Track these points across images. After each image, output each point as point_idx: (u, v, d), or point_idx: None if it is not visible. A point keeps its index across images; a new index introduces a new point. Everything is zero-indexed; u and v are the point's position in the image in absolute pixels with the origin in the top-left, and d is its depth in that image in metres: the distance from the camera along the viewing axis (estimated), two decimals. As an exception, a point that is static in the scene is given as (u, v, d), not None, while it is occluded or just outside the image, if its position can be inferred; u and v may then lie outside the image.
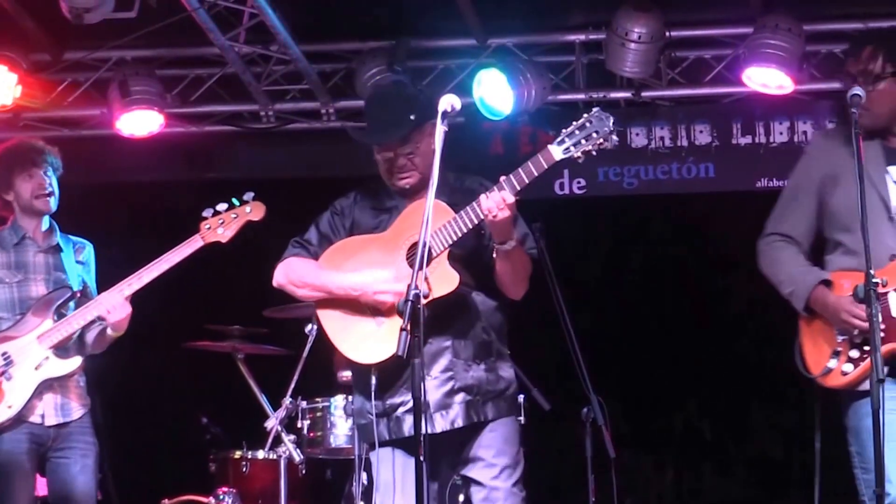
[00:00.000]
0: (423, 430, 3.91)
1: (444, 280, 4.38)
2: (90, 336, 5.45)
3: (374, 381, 4.42)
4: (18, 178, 5.50)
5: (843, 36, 7.28)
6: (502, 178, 4.33)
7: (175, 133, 7.70)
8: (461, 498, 5.69)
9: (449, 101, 4.24)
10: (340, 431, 5.91)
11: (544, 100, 7.34)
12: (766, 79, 7.10)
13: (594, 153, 4.36)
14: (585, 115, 4.36)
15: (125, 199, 7.77)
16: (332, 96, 7.66)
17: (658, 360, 8.30)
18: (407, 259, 4.46)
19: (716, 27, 7.36)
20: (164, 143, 7.60)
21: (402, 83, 4.96)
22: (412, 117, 4.51)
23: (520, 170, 4.34)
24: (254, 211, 5.38)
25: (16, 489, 5.28)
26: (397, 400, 4.46)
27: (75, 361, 5.37)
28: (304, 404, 5.99)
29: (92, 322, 5.36)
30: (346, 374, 5.93)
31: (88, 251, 5.63)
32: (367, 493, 5.70)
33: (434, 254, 4.38)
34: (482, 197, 4.34)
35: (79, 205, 5.66)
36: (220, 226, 5.34)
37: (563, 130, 4.37)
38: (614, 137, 4.43)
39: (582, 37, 7.44)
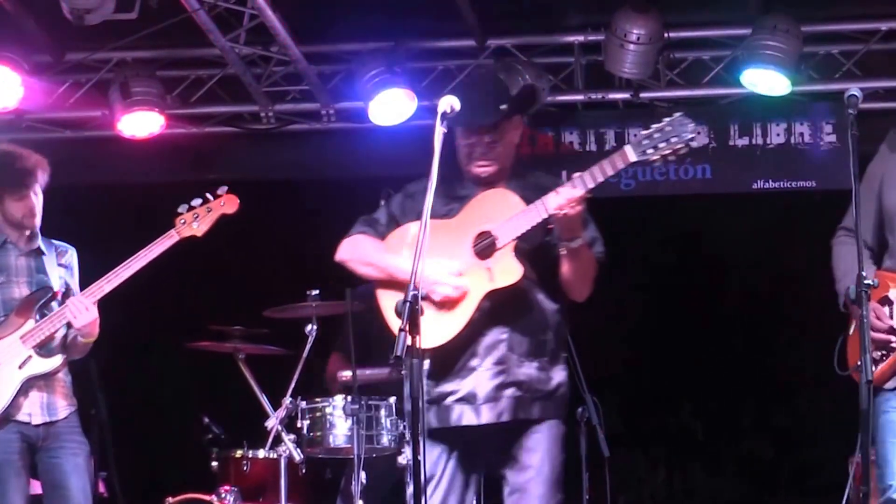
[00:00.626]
0: (422, 430, 3.88)
1: (507, 271, 4.38)
2: (70, 340, 5.48)
3: (426, 367, 4.30)
4: (9, 199, 5.48)
5: (841, 37, 7.32)
6: (575, 176, 4.33)
7: (176, 134, 7.71)
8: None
9: (448, 103, 4.23)
10: (340, 431, 5.91)
11: (543, 101, 7.36)
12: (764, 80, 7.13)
13: (671, 158, 4.34)
14: (666, 119, 4.33)
15: (126, 200, 7.78)
16: (332, 97, 7.69)
17: (652, 361, 8.33)
18: (473, 248, 4.45)
19: (714, 28, 7.38)
20: (164, 145, 7.61)
21: (499, 72, 4.90)
22: (503, 107, 4.51)
23: (594, 168, 4.34)
24: (227, 204, 5.43)
25: (10, 488, 5.31)
26: (447, 388, 4.45)
27: (57, 359, 5.41)
28: (303, 404, 6.00)
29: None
30: (346, 374, 5.96)
31: (71, 255, 5.65)
32: (365, 492, 5.74)
33: (499, 245, 4.39)
34: (553, 193, 4.33)
35: (80, 206, 5.69)
36: (195, 220, 5.39)
37: (643, 132, 4.35)
38: (693, 144, 4.39)
39: (581, 38, 7.45)
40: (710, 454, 8.46)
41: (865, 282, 4.09)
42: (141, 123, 7.46)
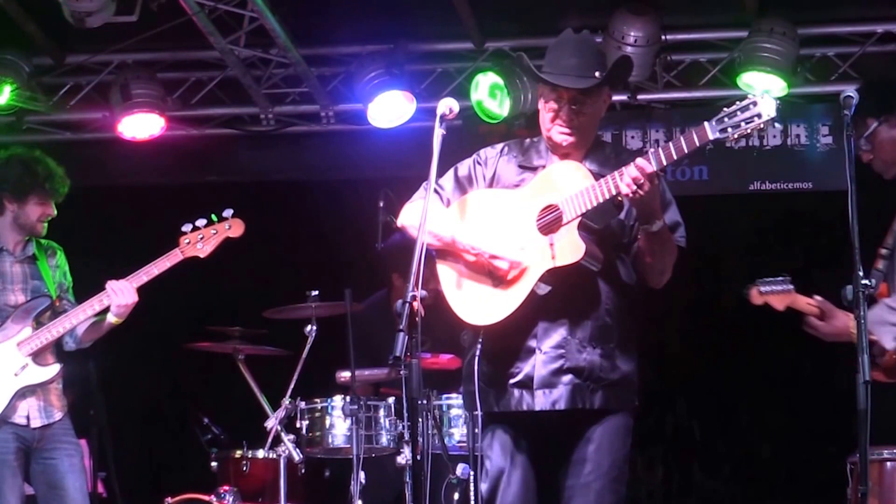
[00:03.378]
0: (421, 431, 3.89)
1: (569, 249, 4.13)
2: (80, 328, 5.52)
3: (478, 347, 4.15)
4: (33, 200, 5.56)
5: (837, 39, 7.34)
6: (650, 151, 4.08)
7: (176, 136, 7.73)
8: (456, 496, 5.72)
9: (447, 105, 4.23)
10: (339, 431, 5.94)
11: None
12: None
13: (752, 138, 4.15)
14: (750, 96, 4.11)
15: (126, 202, 7.81)
16: (332, 99, 7.71)
17: (649, 361, 8.34)
18: (537, 222, 4.22)
19: (711, 31, 7.40)
20: (165, 147, 7.63)
21: (593, 38, 4.58)
22: (597, 74, 4.26)
23: (670, 143, 4.09)
24: (233, 228, 5.46)
25: (6, 487, 5.36)
26: (508, 371, 4.21)
27: (53, 369, 5.46)
28: (302, 405, 6.03)
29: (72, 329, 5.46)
30: (345, 375, 5.98)
31: (59, 255, 5.69)
32: (364, 491, 5.75)
33: (565, 220, 4.16)
34: (624, 168, 4.06)
35: (80, 207, 5.71)
36: (200, 241, 5.41)
37: (725, 109, 4.11)
38: (777, 125, 4.21)
39: (578, 40, 7.47)
40: (707, 454, 8.47)
41: (862, 282, 4.11)
42: (141, 125, 7.49)
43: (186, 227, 5.43)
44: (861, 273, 4.13)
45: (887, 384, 4.70)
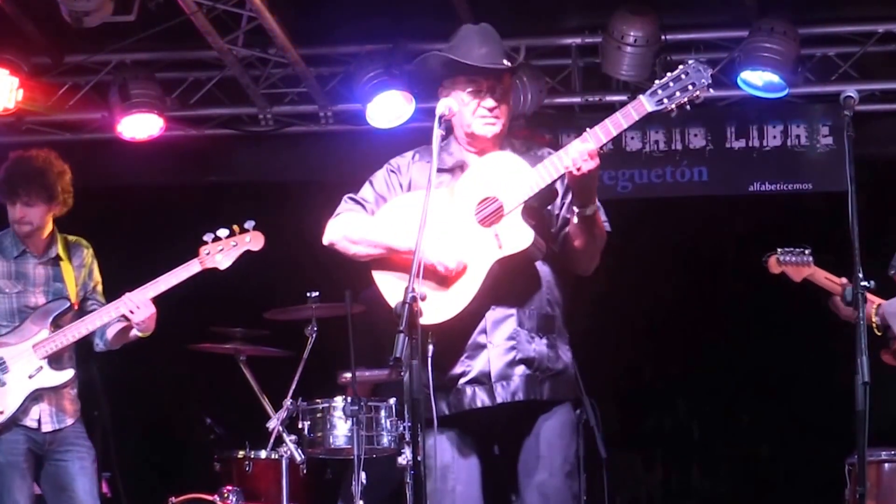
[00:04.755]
0: (421, 432, 3.86)
1: (516, 236, 4.10)
2: (110, 332, 5.52)
3: (430, 349, 4.00)
4: (8, 202, 5.53)
5: (837, 39, 7.34)
6: (587, 131, 4.07)
7: (175, 136, 7.72)
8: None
9: (446, 105, 4.21)
10: (340, 432, 5.93)
11: (540, 103, 7.38)
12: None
13: (688, 107, 4.09)
14: (682, 66, 4.10)
15: (125, 203, 7.80)
16: (331, 99, 7.70)
17: (649, 362, 8.34)
18: (476, 215, 4.19)
19: (711, 31, 7.41)
20: (163, 147, 7.62)
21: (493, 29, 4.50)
22: (506, 63, 4.29)
23: (606, 121, 4.09)
24: (253, 241, 5.44)
25: (15, 487, 5.35)
26: (458, 370, 4.18)
27: (67, 374, 5.44)
28: (304, 405, 6.03)
29: (104, 325, 5.44)
30: (347, 376, 5.98)
31: (86, 253, 5.68)
32: (366, 492, 5.75)
33: (507, 209, 4.13)
34: (564, 150, 4.06)
35: (79, 208, 5.70)
36: (219, 253, 5.40)
37: (657, 81, 4.11)
38: (710, 91, 4.17)
39: (578, 40, 7.48)
40: (706, 454, 8.48)
41: (862, 283, 4.11)
42: (140, 125, 7.48)
43: (207, 237, 5.41)
44: (861, 274, 4.13)
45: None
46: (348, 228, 4.36)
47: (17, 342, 5.41)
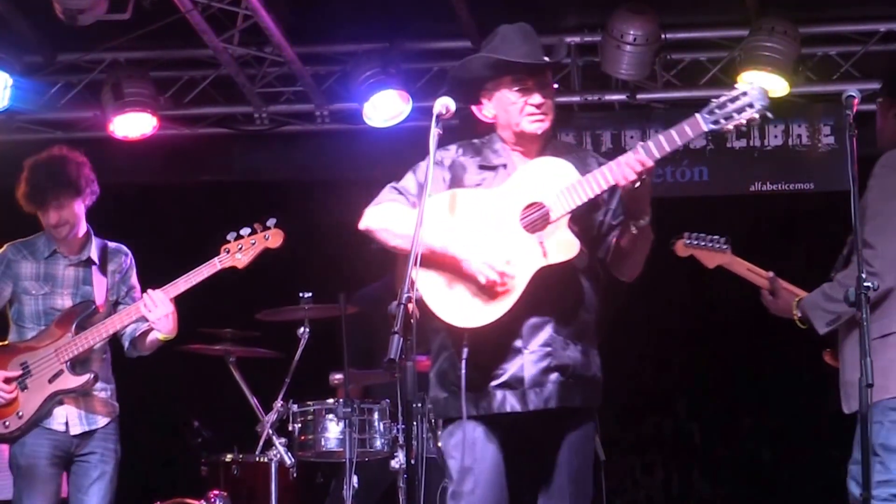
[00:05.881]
0: (421, 434, 3.88)
1: (562, 246, 4.09)
2: (137, 336, 5.53)
3: (465, 349, 4.06)
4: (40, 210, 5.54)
5: (839, 38, 7.30)
6: (640, 145, 4.03)
7: (169, 135, 7.68)
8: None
9: (443, 104, 4.16)
10: (331, 434, 5.89)
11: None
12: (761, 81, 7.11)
13: (744, 129, 4.06)
14: (739, 87, 4.03)
15: (118, 202, 7.73)
16: (327, 99, 7.65)
17: (649, 364, 8.30)
18: (521, 220, 4.14)
19: (711, 30, 7.36)
20: (157, 146, 7.58)
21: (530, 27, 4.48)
22: (547, 59, 4.28)
23: (660, 136, 4.04)
24: (272, 238, 5.45)
25: (36, 491, 5.36)
26: (489, 373, 4.15)
27: (83, 378, 5.41)
28: (295, 407, 5.97)
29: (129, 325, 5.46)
30: (338, 377, 5.92)
31: (122, 260, 5.66)
32: (357, 496, 5.70)
33: (553, 217, 4.10)
34: (616, 161, 4.03)
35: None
36: (239, 251, 5.40)
37: (714, 100, 4.04)
38: (769, 114, 4.03)
39: (577, 39, 7.43)
40: (706, 457, 8.44)
41: (865, 284, 4.05)
42: (133, 124, 7.43)
43: (230, 236, 5.41)
44: (864, 274, 4.08)
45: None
46: (389, 219, 4.27)
47: (42, 346, 5.41)
